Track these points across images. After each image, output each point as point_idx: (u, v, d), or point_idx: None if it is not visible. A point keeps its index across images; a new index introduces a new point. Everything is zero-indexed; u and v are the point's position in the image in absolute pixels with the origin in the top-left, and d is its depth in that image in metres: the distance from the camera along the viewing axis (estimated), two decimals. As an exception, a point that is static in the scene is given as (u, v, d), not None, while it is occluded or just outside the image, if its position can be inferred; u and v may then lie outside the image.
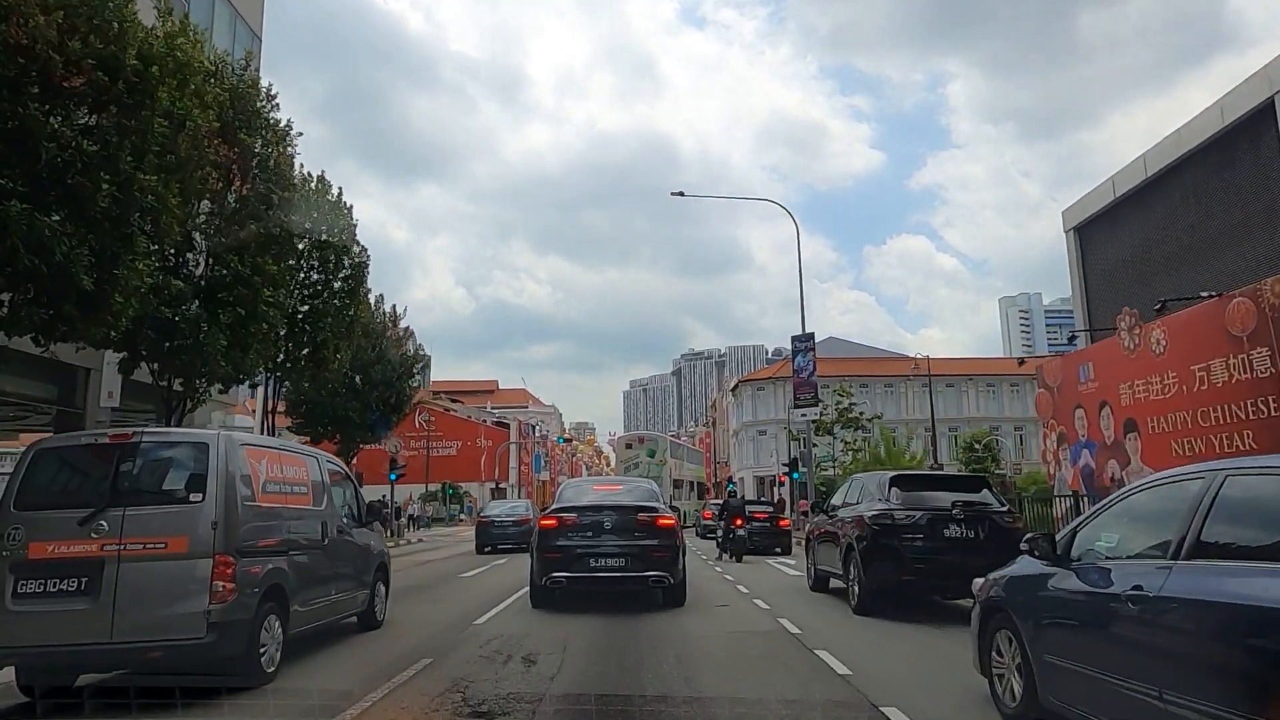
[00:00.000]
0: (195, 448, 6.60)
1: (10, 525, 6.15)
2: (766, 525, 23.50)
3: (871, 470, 29.40)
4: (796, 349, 30.92)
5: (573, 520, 10.42)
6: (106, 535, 6.08)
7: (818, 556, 12.84)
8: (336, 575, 8.30)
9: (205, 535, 6.18)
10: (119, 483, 6.36)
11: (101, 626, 5.89)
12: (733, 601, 11.95)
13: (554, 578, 10.15)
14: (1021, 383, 65.97)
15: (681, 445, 51.87)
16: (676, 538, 10.68)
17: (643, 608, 10.60)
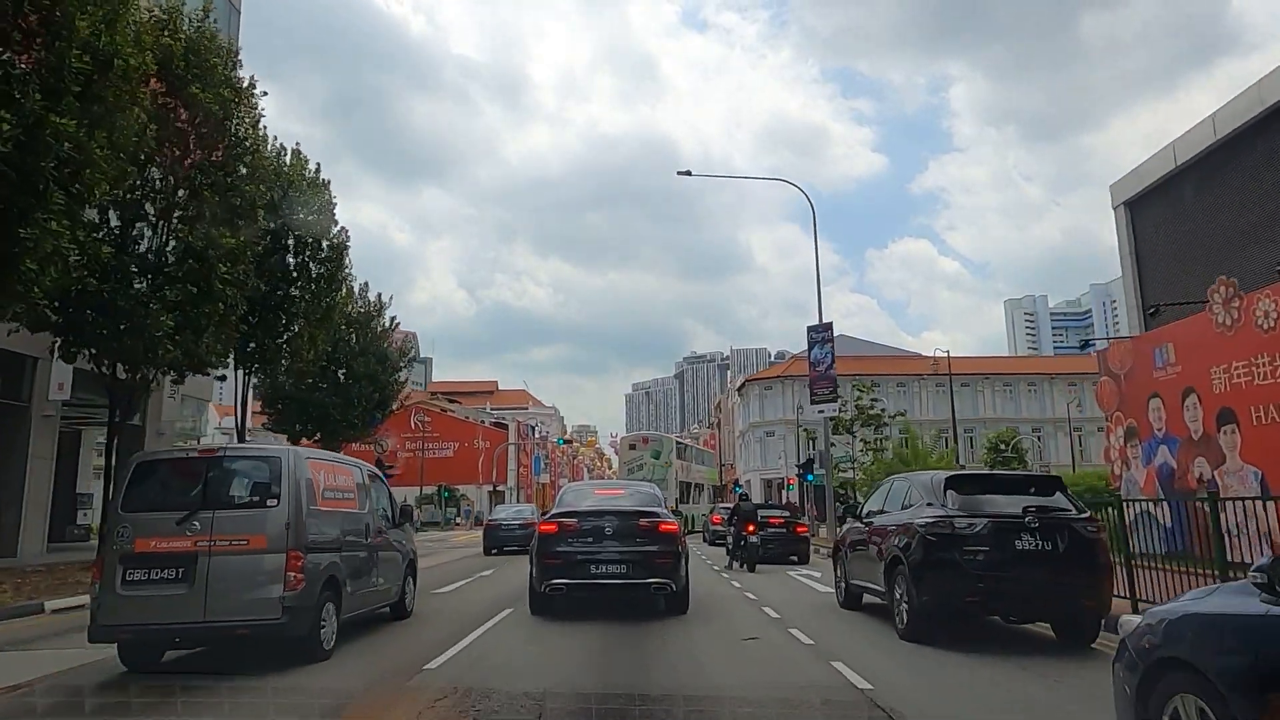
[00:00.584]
0: (269, 461, 7.78)
1: (119, 524, 7.32)
2: (782, 531, 21.23)
3: (896, 472, 27.23)
4: (813, 340, 28.55)
5: (573, 525, 10.12)
6: (199, 533, 7.17)
7: (850, 569, 11.18)
8: (376, 569, 9.37)
9: (279, 534, 7.28)
10: (208, 490, 7.48)
11: (195, 609, 6.98)
12: (762, 629, 9.67)
13: (554, 584, 9.87)
14: (1039, 382, 63.79)
15: (690, 446, 49.17)
16: (679, 544, 10.38)
17: (656, 645, 8.60)
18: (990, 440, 39.65)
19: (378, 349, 29.54)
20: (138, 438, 27.29)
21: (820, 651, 8.09)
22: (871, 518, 10.63)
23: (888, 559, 9.31)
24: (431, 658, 7.62)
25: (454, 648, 8.14)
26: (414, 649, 8.21)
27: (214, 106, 17.39)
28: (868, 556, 10.23)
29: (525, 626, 9.70)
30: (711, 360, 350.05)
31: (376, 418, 29.94)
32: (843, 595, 11.45)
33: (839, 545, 12.03)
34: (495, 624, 9.79)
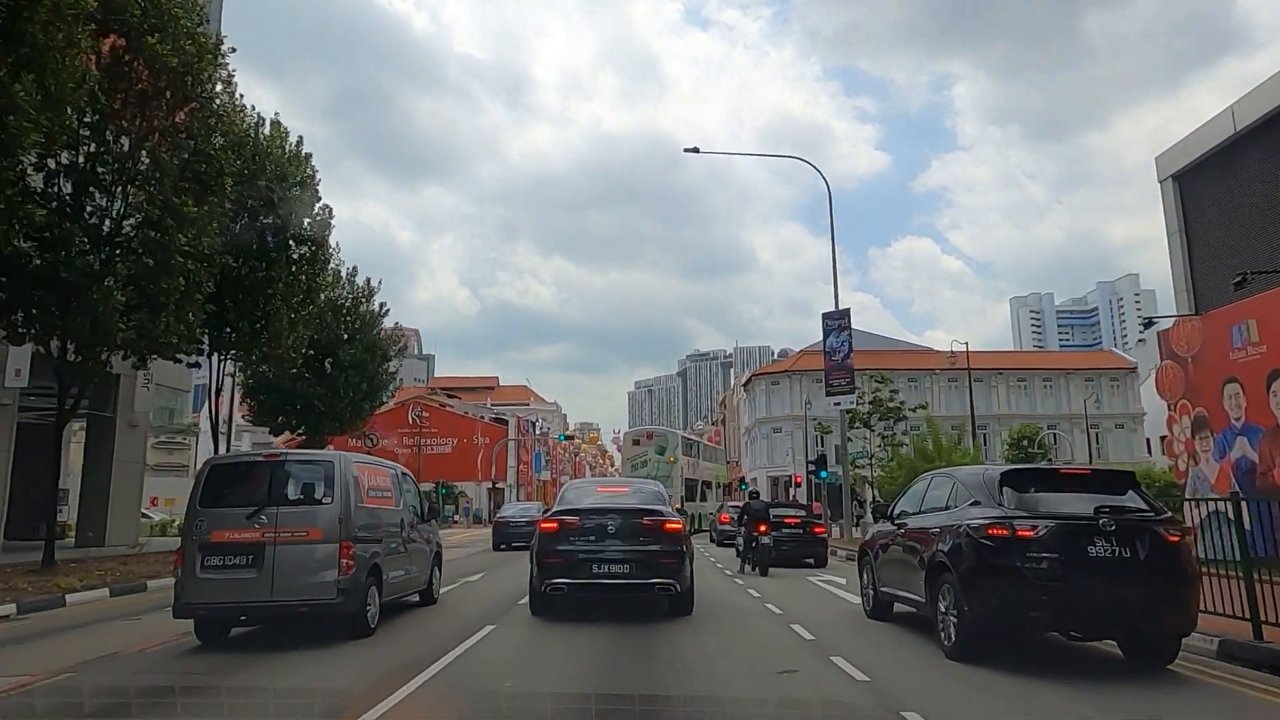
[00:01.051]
0: (324, 464, 9.09)
1: (198, 518, 8.60)
2: (798, 532, 19.50)
3: (918, 468, 25.47)
4: (829, 327, 26.84)
5: (574, 523, 9.90)
6: (266, 526, 8.45)
7: (881, 576, 10.05)
8: (409, 559, 10.48)
9: (333, 527, 8.57)
10: (272, 489, 8.77)
11: (263, 590, 8.28)
12: (795, 655, 7.95)
13: (554, 584, 9.68)
14: (1055, 378, 61.97)
15: (697, 441, 47.14)
16: (684, 544, 10.13)
17: (673, 676, 7.11)
18: (1012, 436, 37.79)
19: (366, 337, 27.81)
20: (108, 429, 25.64)
21: (878, 692, 6.35)
22: (905, 518, 9.56)
23: (929, 566, 8.23)
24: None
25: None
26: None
27: (173, 60, 15.65)
28: (902, 562, 9.23)
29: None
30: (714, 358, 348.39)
31: (365, 410, 28.20)
32: (870, 604, 10.36)
33: (865, 549, 10.83)
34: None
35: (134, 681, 6.57)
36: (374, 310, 28.89)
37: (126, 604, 12.37)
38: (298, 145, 23.14)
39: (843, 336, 26.49)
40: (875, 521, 11.41)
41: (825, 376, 26.73)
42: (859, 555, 11.19)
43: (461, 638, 8.55)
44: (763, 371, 65.72)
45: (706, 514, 38.32)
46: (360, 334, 27.59)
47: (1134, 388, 61.55)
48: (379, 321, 28.89)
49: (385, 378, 29.25)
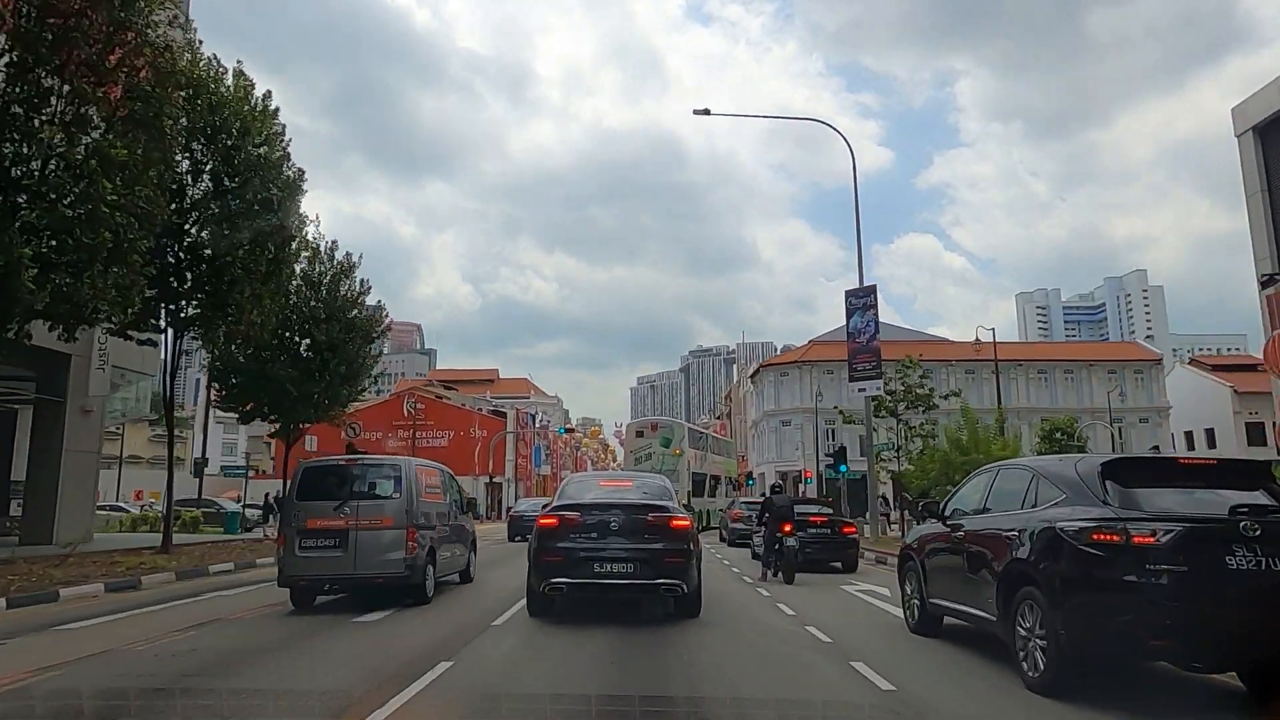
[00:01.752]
0: (393, 466, 11.64)
1: (296, 509, 10.96)
2: (825, 532, 17.11)
3: (951, 461, 23.17)
4: (852, 306, 24.41)
5: (575, 520, 9.47)
6: (349, 515, 10.69)
7: (932, 586, 8.64)
8: (453, 544, 12.81)
9: (401, 517, 10.78)
10: (353, 486, 11.13)
11: (348, 565, 10.61)
12: (845, 688, 5.87)
13: (553, 584, 9.27)
14: (1076, 370, 59.52)
15: (705, 434, 44.46)
16: (691, 542, 9.59)
17: None
18: (1043, 429, 35.33)
19: (345, 316, 25.41)
20: (58, 414, 23.27)
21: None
22: (961, 518, 8.20)
23: (1004, 577, 6.90)
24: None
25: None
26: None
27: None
28: (962, 571, 7.84)
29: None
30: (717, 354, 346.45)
31: (343, 395, 25.81)
32: (916, 617, 8.96)
33: (908, 553, 9.41)
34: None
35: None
36: (355, 288, 26.50)
37: (18, 619, 10.01)
38: (264, 99, 20.77)
39: (868, 316, 24.07)
40: (921, 521, 9.95)
41: (849, 360, 24.32)
42: (900, 561, 9.75)
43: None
44: (771, 362, 63.19)
45: (716, 511, 35.93)
46: (340, 313, 25.18)
47: (1159, 380, 59.05)
48: (360, 300, 26.49)
49: (366, 361, 26.87)
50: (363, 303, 26.68)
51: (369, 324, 26.58)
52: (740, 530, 26.91)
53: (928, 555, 8.72)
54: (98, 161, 13.49)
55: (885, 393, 24.53)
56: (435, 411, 68.74)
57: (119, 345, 22.78)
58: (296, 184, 21.06)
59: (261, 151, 19.93)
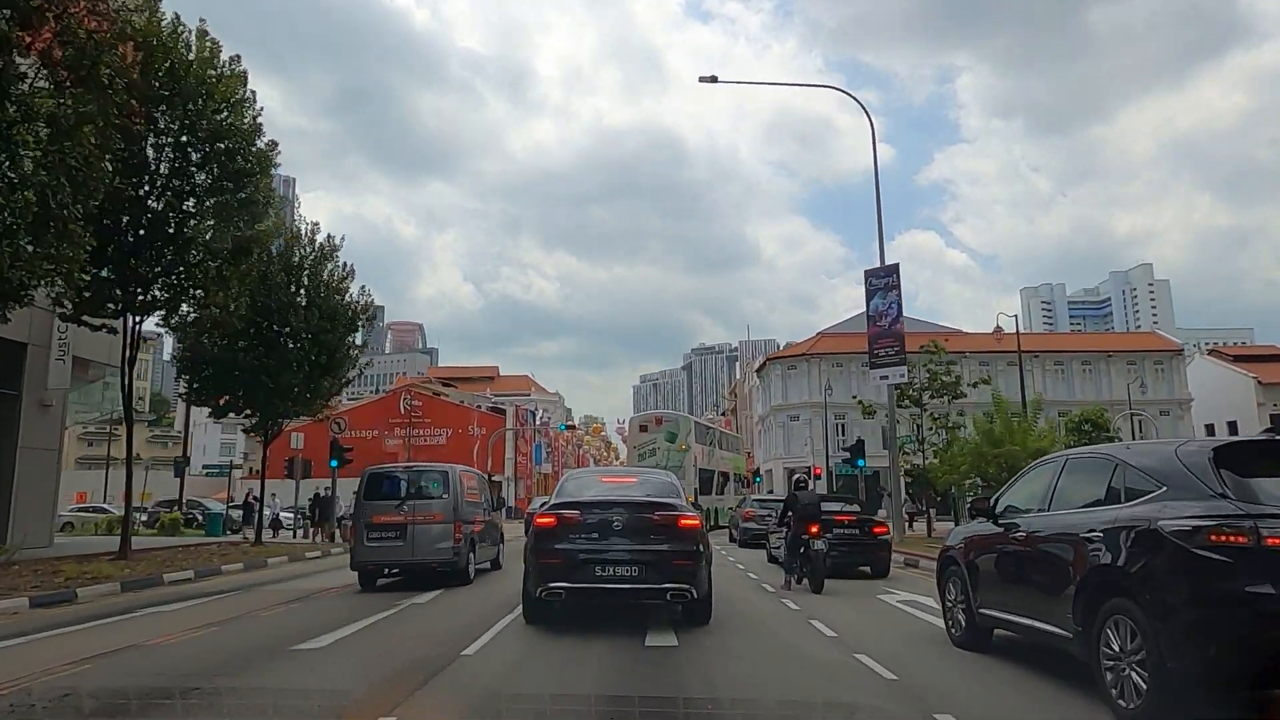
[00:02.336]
0: (441, 472, 14.17)
1: (363, 508, 13.60)
2: (853, 533, 15.26)
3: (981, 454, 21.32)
4: (873, 287, 22.57)
5: (575, 518, 8.73)
6: (407, 512, 13.25)
7: (981, 593, 7.59)
8: (486, 537, 15.10)
9: (449, 513, 13.32)
10: (410, 487, 13.80)
11: (407, 553, 13.12)
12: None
13: (551, 588, 8.50)
14: (1095, 361, 57.60)
15: (712, 428, 42.41)
16: (701, 542, 8.79)
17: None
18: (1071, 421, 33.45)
19: (325, 303, 23.56)
20: (13, 408, 21.48)
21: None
22: (1017, 516, 7.20)
23: (1085, 586, 5.90)
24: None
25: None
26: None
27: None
28: (1021, 578, 6.98)
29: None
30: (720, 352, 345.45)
31: (324, 388, 23.97)
32: (960, 629, 7.92)
33: (951, 557, 8.34)
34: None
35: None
36: (337, 273, 24.67)
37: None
38: (233, 62, 18.93)
39: (890, 298, 22.21)
40: (967, 519, 9.03)
41: (869, 345, 22.48)
42: (940, 565, 8.67)
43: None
44: (778, 355, 61.17)
45: (725, 509, 34.07)
46: (319, 298, 23.33)
47: (1180, 371, 57.14)
48: (344, 287, 24.64)
49: (350, 351, 25.03)
50: (346, 289, 24.82)
51: (352, 312, 24.70)
52: (753, 530, 25.19)
53: (976, 559, 7.69)
54: (17, 110, 11.70)
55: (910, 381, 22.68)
56: (433, 409, 66.97)
57: (83, 335, 20.99)
58: (266, 155, 19.20)
59: (226, 118, 18.08)
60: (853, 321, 63.77)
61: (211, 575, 16.26)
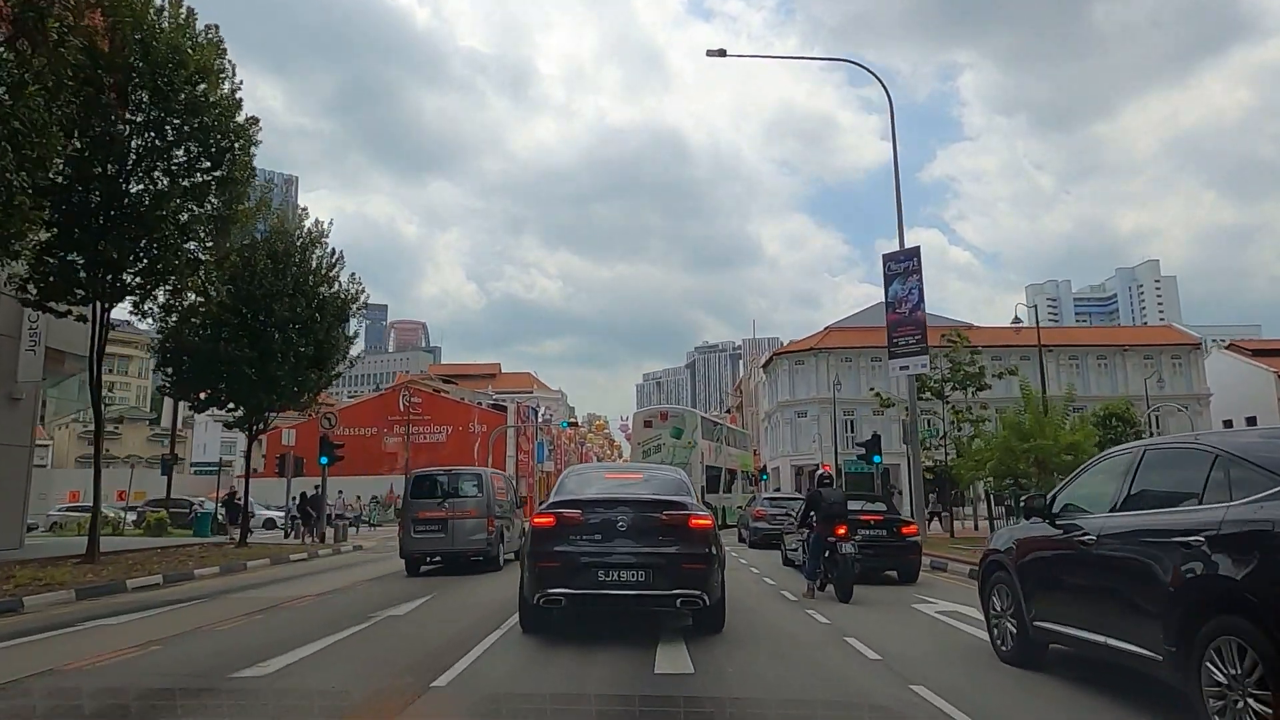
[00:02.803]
0: (476, 474, 16.87)
1: (410, 505, 15.94)
2: (880, 534, 13.97)
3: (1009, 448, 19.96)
4: (892, 272, 21.26)
5: (576, 518, 7.95)
6: (447, 508, 15.49)
7: (1036, 603, 6.63)
8: (513, 530, 17.11)
9: (483, 509, 15.64)
10: (449, 487, 15.96)
11: (448, 543, 15.37)
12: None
13: (550, 595, 7.76)
14: (1110, 355, 56.23)
15: (720, 424, 40.97)
16: (713, 544, 8.02)
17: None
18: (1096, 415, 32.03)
19: (313, 291, 22.27)
20: (-21, 403, 20.34)
21: None
22: (1077, 516, 6.30)
23: (1180, 601, 4.88)
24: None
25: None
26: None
27: None
28: (1090, 588, 5.99)
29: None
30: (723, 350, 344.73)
31: (311, 381, 22.69)
32: (1009, 643, 7.00)
33: (997, 562, 7.41)
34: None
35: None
36: (326, 259, 23.43)
37: None
38: (207, 31, 17.68)
39: (910, 283, 20.90)
40: (1014, 519, 8.40)
41: (888, 334, 21.17)
42: (984, 571, 7.68)
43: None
44: (785, 350, 59.76)
45: (734, 508, 32.77)
46: (305, 286, 22.04)
47: (1198, 366, 55.73)
48: (333, 275, 23.37)
49: (339, 342, 23.77)
50: (335, 277, 23.55)
51: (342, 301, 23.43)
52: (764, 530, 23.96)
53: (1029, 565, 6.80)
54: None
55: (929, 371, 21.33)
56: (432, 406, 65.63)
57: (57, 325, 19.78)
58: (243, 130, 17.96)
59: (202, 90, 16.84)
60: (861, 315, 62.36)
61: (182, 581, 15.02)
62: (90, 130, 16.13)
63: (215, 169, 17.81)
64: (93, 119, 16.04)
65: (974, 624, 8.98)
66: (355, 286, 23.78)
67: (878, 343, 56.34)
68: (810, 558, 11.83)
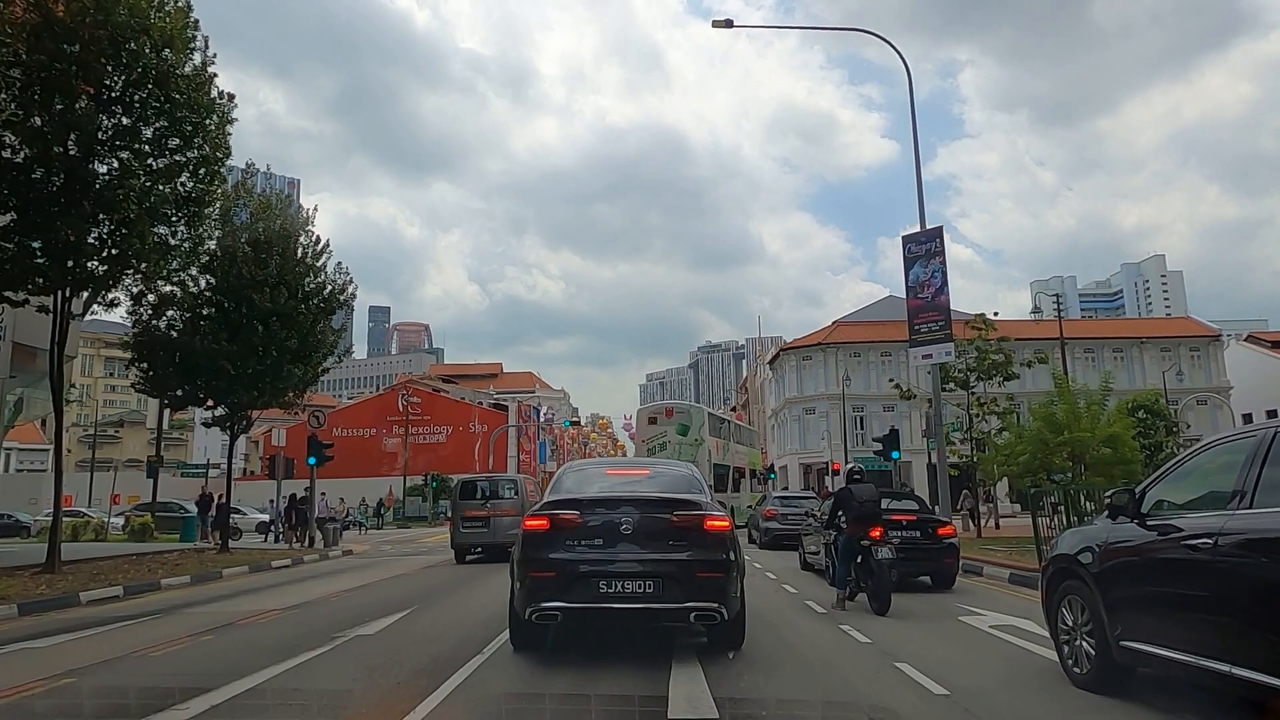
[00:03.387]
0: (512, 480, 21.55)
1: (459, 505, 19.73)
2: (913, 535, 12.62)
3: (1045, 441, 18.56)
4: (913, 254, 19.89)
5: (573, 520, 6.89)
6: (489, 508, 19.12)
7: (1123, 619, 5.45)
8: None
9: (518, 509, 17.81)
10: (490, 490, 20.03)
11: (490, 537, 18.74)
12: None
13: (544, 609, 6.68)
14: (1126, 348, 54.85)
15: (727, 420, 39.55)
16: (731, 549, 6.95)
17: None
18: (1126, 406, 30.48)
19: (296, 281, 20.94)
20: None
21: None
22: (1185, 517, 5.18)
23: None
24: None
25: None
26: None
27: None
28: (1204, 604, 4.79)
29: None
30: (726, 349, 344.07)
31: (295, 376, 21.37)
32: (1087, 664, 5.80)
33: (1069, 569, 6.18)
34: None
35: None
36: (311, 247, 22.12)
37: None
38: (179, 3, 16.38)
39: (933, 265, 19.53)
40: (1098, 519, 6.74)
41: (909, 320, 19.79)
42: (1051, 579, 6.50)
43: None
44: (792, 345, 58.35)
45: (743, 508, 31.44)
46: (288, 276, 20.70)
47: (1218, 358, 54.30)
48: (319, 262, 22.06)
49: (326, 335, 22.45)
50: (322, 267, 22.23)
51: (330, 290, 22.09)
52: (776, 531, 22.73)
53: (1113, 574, 5.69)
54: None
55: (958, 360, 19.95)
56: (432, 406, 64.48)
57: (26, 318, 18.52)
58: (215, 104, 16.65)
59: (167, 59, 15.53)
60: (870, 309, 60.96)
61: (145, 592, 13.73)
62: (51, 106, 14.93)
63: (187, 147, 16.58)
64: (54, 94, 14.85)
65: (1037, 641, 7.66)
66: (343, 276, 22.46)
67: (887, 337, 55.23)
68: (840, 564, 10.47)
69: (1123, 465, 16.98)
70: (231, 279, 20.16)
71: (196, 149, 16.73)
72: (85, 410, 75.01)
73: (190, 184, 16.69)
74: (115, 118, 15.89)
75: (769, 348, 75.05)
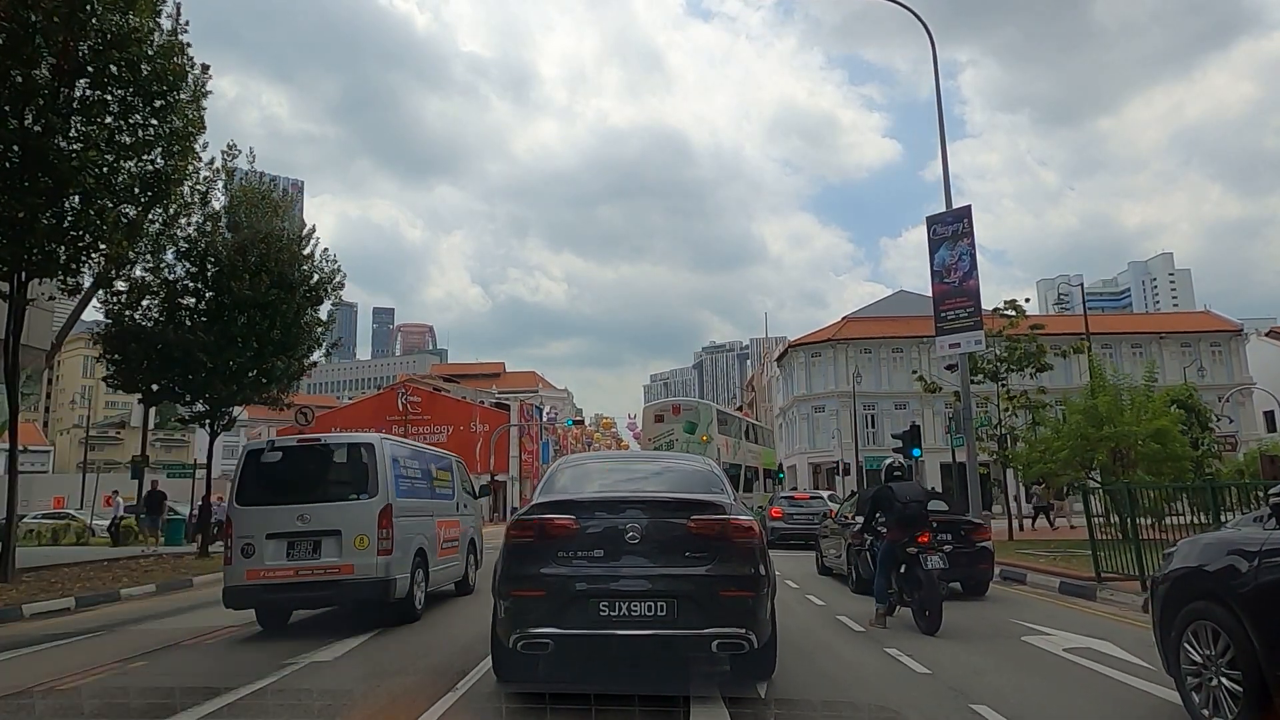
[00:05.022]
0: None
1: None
2: (946, 538, 11.24)
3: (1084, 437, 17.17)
4: (938, 236, 18.53)
5: (568, 528, 5.61)
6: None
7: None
8: None
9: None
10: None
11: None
12: None
13: (533, 637, 5.41)
14: (1145, 343, 53.29)
15: (737, 417, 37.92)
16: (761, 561, 5.68)
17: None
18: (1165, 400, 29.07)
19: (279, 267, 19.60)
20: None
21: None
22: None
23: None
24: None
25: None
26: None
27: None
28: None
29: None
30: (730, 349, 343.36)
31: (278, 370, 20.03)
32: (1230, 712, 4.52)
33: (1191, 586, 4.99)
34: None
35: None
36: (295, 231, 20.80)
37: None
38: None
39: (960, 247, 18.16)
40: (1226, 527, 5.70)
41: (934, 306, 18.42)
42: (1166, 600, 5.22)
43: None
44: (801, 342, 56.89)
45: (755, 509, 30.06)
46: (270, 263, 19.36)
47: (1240, 354, 52.77)
48: (302, 248, 20.71)
49: (313, 326, 21.12)
50: (310, 255, 20.86)
51: (317, 278, 20.74)
52: (784, 531, 21.67)
53: (1261, 597, 4.41)
54: None
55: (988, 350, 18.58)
56: (432, 405, 63.15)
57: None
58: (186, 75, 15.36)
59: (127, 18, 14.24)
60: (880, 305, 59.57)
61: (101, 603, 12.46)
62: (8, 77, 13.70)
63: (157, 121, 15.33)
64: (10, 63, 13.62)
65: (1132, 671, 6.33)
66: (330, 264, 21.11)
67: (899, 333, 53.81)
68: (880, 574, 9.12)
69: (1172, 462, 15.61)
70: (209, 265, 18.87)
71: (167, 123, 15.50)
72: (80, 411, 73.88)
73: (161, 160, 15.44)
74: (79, 89, 14.69)
75: (774, 347, 73.66)
